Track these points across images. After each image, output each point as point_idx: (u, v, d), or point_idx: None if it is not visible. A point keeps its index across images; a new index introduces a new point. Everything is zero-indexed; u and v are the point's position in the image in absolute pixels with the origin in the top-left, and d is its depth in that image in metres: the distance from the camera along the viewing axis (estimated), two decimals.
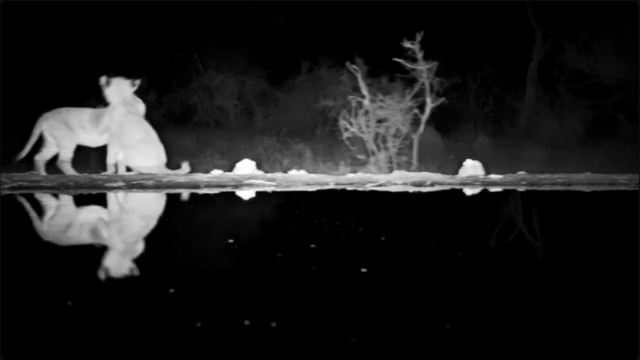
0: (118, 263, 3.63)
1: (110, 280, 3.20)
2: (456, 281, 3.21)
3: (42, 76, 14.59)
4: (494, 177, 10.22)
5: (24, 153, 9.96)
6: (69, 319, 2.48)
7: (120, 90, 10.19)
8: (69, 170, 9.82)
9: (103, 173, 9.76)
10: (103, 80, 10.17)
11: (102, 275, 3.30)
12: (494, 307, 2.75)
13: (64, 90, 13.30)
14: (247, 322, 2.37)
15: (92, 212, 6.64)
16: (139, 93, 10.48)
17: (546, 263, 3.82)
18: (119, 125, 9.98)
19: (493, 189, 9.38)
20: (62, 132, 9.96)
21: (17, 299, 2.79)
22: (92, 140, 10.19)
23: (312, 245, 4.09)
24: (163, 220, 5.99)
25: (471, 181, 10.00)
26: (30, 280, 3.19)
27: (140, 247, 4.26)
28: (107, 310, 2.63)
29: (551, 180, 10.09)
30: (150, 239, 4.67)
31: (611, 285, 3.21)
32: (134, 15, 15.64)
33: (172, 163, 10.28)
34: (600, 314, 2.64)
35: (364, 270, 3.31)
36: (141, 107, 10.42)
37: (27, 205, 6.86)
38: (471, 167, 10.76)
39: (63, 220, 5.89)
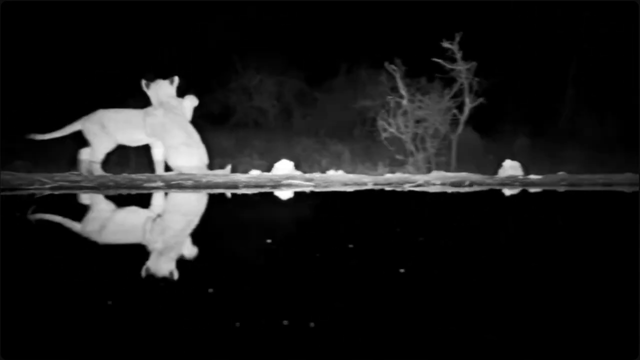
0: (156, 262, 3.69)
1: (149, 279, 3.25)
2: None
3: (81, 76, 14.82)
4: (533, 177, 10.15)
5: (42, 136, 10.05)
6: (110, 318, 2.54)
7: (160, 92, 10.27)
8: (97, 170, 9.86)
9: (158, 174, 9.84)
10: (143, 83, 10.28)
11: (139, 274, 3.34)
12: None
13: (104, 91, 13.51)
14: (285, 322, 2.43)
15: (132, 212, 6.76)
16: (178, 93, 10.54)
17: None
18: (161, 126, 10.06)
19: (532, 190, 9.33)
20: (95, 133, 9.99)
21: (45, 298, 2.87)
22: (132, 140, 10.27)
23: (350, 246, 4.14)
24: (201, 220, 6.06)
25: (510, 181, 9.97)
26: (61, 280, 3.27)
27: (179, 247, 4.33)
28: (138, 310, 2.69)
29: (591, 181, 10.01)
30: (189, 239, 4.75)
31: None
32: (173, 16, 15.84)
33: (211, 163, 10.32)
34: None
35: (402, 270, 3.34)
36: (187, 103, 10.44)
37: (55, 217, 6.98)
38: (510, 168, 10.70)
39: (104, 220, 6.01)
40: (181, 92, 10.54)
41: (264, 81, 16.34)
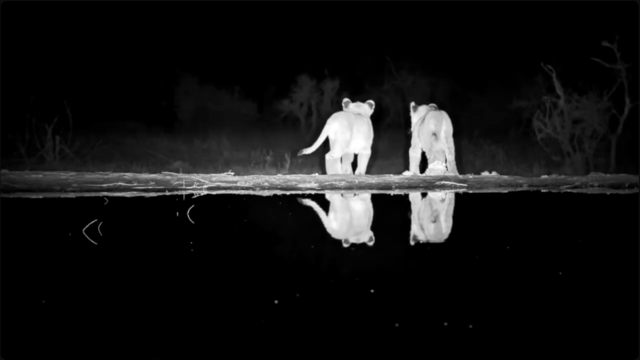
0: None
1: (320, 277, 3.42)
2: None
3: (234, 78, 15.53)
4: None
5: (310, 150, 9.91)
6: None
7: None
8: (335, 170, 9.94)
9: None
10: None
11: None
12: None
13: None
14: (446, 324, 2.53)
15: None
16: (328, 94, 10.73)
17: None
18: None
19: None
20: (345, 136, 9.86)
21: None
22: (356, 148, 10.14)
23: (508, 247, 4.21)
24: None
25: None
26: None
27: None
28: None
29: None
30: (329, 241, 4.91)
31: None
32: (328, 17, 16.31)
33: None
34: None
35: (560, 273, 3.36)
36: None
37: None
38: None
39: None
40: (335, 93, 10.78)
41: (417, 82, 16.51)
